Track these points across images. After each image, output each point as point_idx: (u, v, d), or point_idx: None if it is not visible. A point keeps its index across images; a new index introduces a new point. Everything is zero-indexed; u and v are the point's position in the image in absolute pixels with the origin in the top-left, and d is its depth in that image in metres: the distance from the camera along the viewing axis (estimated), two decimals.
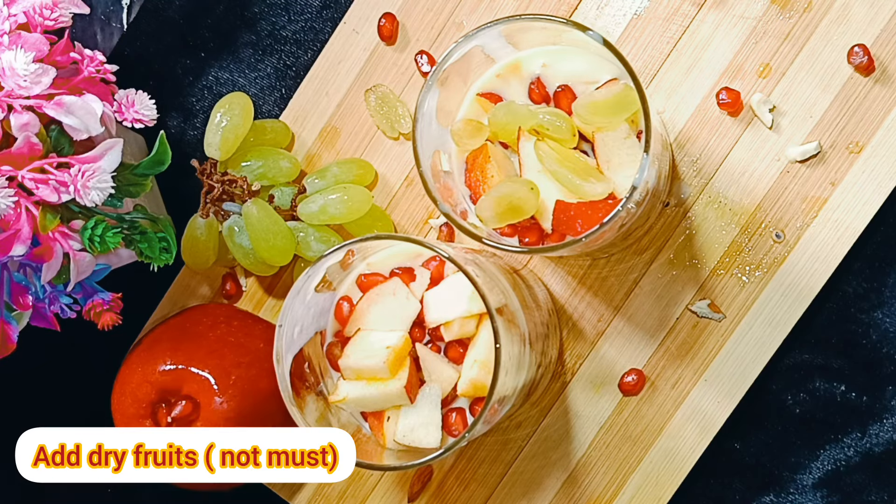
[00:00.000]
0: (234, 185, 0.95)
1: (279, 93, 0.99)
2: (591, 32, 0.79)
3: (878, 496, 0.91)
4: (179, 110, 1.00)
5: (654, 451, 0.93)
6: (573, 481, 0.94)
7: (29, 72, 0.82)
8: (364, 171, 0.96)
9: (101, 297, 0.90)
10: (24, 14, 0.85)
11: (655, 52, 0.92)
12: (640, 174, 0.78)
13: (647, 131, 0.78)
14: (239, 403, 0.92)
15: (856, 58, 0.89)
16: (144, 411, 0.93)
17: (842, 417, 0.92)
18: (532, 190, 0.81)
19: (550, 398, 0.94)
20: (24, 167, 0.83)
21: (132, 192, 0.89)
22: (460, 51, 0.81)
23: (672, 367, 0.92)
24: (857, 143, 0.90)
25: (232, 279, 0.99)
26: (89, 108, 0.84)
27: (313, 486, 0.98)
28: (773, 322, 0.91)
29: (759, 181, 0.91)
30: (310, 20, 0.98)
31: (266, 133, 0.97)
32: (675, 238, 0.92)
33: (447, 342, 0.85)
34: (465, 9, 0.95)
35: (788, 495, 0.93)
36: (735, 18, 0.91)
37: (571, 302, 0.94)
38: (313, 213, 0.94)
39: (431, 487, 0.96)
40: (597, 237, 0.80)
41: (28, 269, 0.88)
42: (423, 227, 0.96)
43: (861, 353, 0.91)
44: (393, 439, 0.85)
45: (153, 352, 0.93)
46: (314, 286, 0.85)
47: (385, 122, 0.96)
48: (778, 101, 0.91)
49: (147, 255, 0.90)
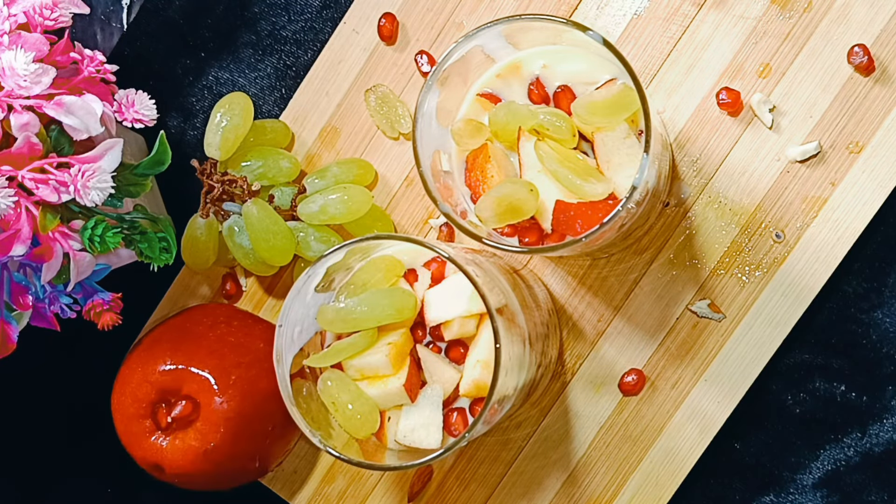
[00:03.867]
0: (234, 185, 0.95)
1: (279, 93, 0.99)
2: (591, 32, 0.79)
3: (878, 496, 0.91)
4: (179, 110, 1.00)
5: (654, 451, 0.93)
6: (573, 481, 0.94)
7: (29, 72, 0.82)
8: (364, 171, 0.96)
9: (101, 297, 0.90)
10: (24, 14, 0.85)
11: (655, 52, 0.92)
12: (640, 174, 0.78)
13: (647, 131, 0.78)
14: (239, 403, 0.92)
15: (856, 58, 0.89)
16: (144, 411, 0.93)
17: (842, 417, 0.92)
18: (532, 191, 0.81)
19: (550, 398, 0.94)
20: (24, 167, 0.83)
21: (132, 192, 0.89)
22: (460, 51, 0.81)
23: (672, 367, 0.92)
24: (857, 143, 0.90)
25: (232, 279, 0.99)
26: (89, 108, 0.84)
27: (313, 486, 0.98)
28: (773, 322, 0.91)
29: (759, 181, 0.91)
30: (310, 20, 0.98)
31: (266, 133, 0.97)
32: (675, 238, 0.92)
33: (448, 343, 0.85)
34: (465, 9, 0.95)
35: (788, 495, 0.93)
36: (735, 18, 0.91)
37: (571, 302, 0.94)
38: (313, 213, 0.94)
39: (431, 487, 0.96)
40: (597, 237, 0.80)
41: (28, 269, 0.88)
42: (423, 227, 0.96)
43: (861, 353, 0.91)
44: (393, 439, 0.85)
45: (153, 352, 0.93)
46: (314, 286, 0.85)
47: (385, 122, 0.96)
48: (778, 101, 0.91)
49: (147, 255, 0.90)
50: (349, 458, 0.82)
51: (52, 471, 1.03)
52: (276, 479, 0.99)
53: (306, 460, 0.98)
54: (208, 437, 0.92)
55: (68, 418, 1.02)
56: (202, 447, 0.92)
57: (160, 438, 0.93)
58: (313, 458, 0.98)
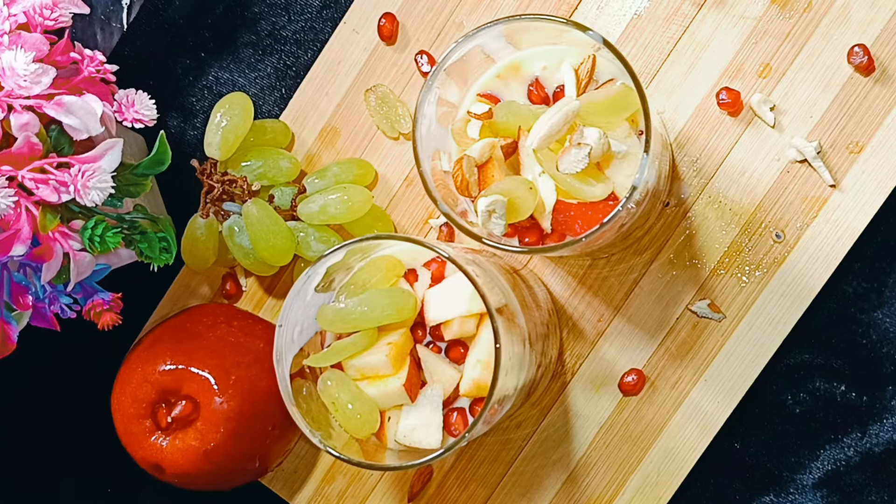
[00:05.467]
0: (234, 185, 0.95)
1: (279, 93, 0.99)
2: (591, 32, 0.79)
3: (878, 496, 0.91)
4: (179, 110, 1.00)
5: (654, 451, 0.93)
6: (573, 481, 0.94)
7: (29, 72, 0.82)
8: (364, 171, 0.96)
9: (101, 297, 0.90)
10: (24, 14, 0.85)
11: (655, 52, 0.92)
12: (640, 174, 0.78)
13: (647, 131, 0.78)
14: (239, 403, 0.92)
15: (856, 58, 0.89)
16: (144, 411, 0.93)
17: (842, 417, 0.92)
18: (531, 189, 0.81)
19: (550, 398, 0.94)
20: (24, 167, 0.83)
21: (132, 192, 0.89)
22: (460, 51, 0.81)
23: (672, 367, 0.92)
24: (857, 143, 0.90)
25: (232, 279, 0.99)
26: (89, 108, 0.84)
27: (313, 486, 0.98)
28: (773, 322, 0.91)
29: (759, 181, 0.91)
30: (310, 20, 0.98)
31: (266, 133, 0.97)
32: (675, 238, 0.92)
33: (448, 343, 0.85)
34: (465, 9, 0.95)
35: (788, 495, 0.93)
36: (735, 18, 0.91)
37: (571, 302, 0.94)
38: (313, 213, 0.94)
39: (431, 487, 0.96)
40: (597, 237, 0.80)
41: (28, 269, 0.88)
42: (423, 227, 0.96)
43: (861, 353, 0.91)
44: (394, 439, 0.85)
45: (153, 352, 0.93)
46: (314, 286, 0.85)
47: (385, 122, 0.96)
48: (778, 101, 0.91)
49: (147, 255, 0.90)
50: (349, 458, 0.82)
51: (52, 471, 1.03)
52: (276, 479, 0.99)
53: (306, 460, 0.98)
54: (208, 437, 0.92)
55: (68, 418, 1.02)
56: (202, 447, 0.92)
57: (160, 438, 0.93)
58: (313, 458, 0.98)
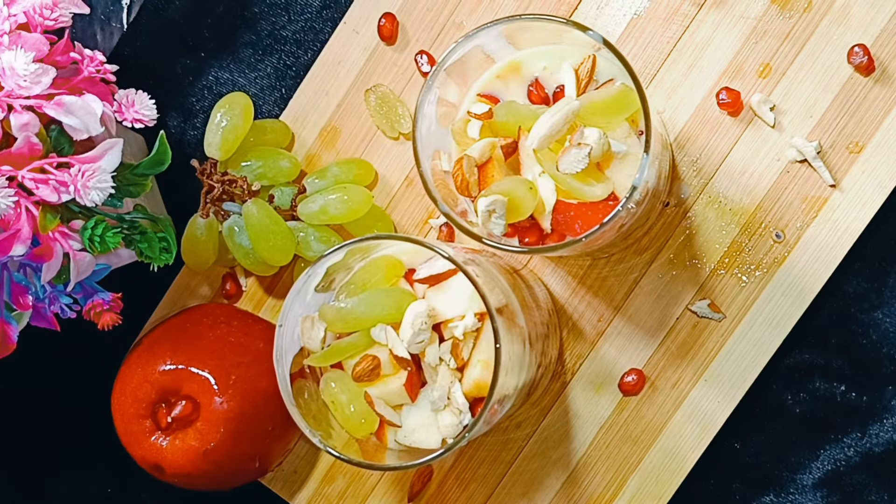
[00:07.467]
0: (234, 185, 0.95)
1: (279, 93, 0.99)
2: (591, 32, 0.79)
3: (878, 496, 0.91)
4: (179, 110, 1.00)
5: (654, 451, 0.93)
6: (573, 481, 0.94)
7: (29, 72, 0.82)
8: (364, 171, 0.96)
9: (101, 297, 0.90)
10: (24, 14, 0.85)
11: (655, 52, 0.92)
12: (640, 174, 0.78)
13: (647, 131, 0.78)
14: (239, 403, 0.92)
15: (856, 58, 0.89)
16: (144, 411, 0.93)
17: (842, 417, 0.92)
18: (531, 189, 0.81)
19: (550, 398, 0.94)
20: (24, 167, 0.83)
21: (132, 192, 0.89)
22: (460, 51, 0.81)
23: (672, 367, 0.92)
24: (857, 143, 0.90)
25: (232, 279, 0.99)
26: (89, 108, 0.84)
27: (313, 486, 0.98)
28: (773, 322, 0.91)
29: (759, 181, 0.91)
30: (310, 20, 0.98)
31: (266, 133, 0.97)
32: (675, 238, 0.92)
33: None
34: (465, 9, 0.95)
35: (788, 495, 0.93)
36: (735, 18, 0.91)
37: (571, 302, 0.94)
38: (313, 213, 0.94)
39: (431, 487, 0.96)
40: (597, 237, 0.80)
41: (28, 269, 0.88)
42: (423, 227, 0.96)
43: (861, 353, 0.91)
44: (394, 439, 0.85)
45: (153, 352, 0.93)
46: (314, 286, 0.85)
47: (385, 122, 0.96)
48: (778, 101, 0.91)
49: (147, 255, 0.90)
50: (349, 458, 0.82)
51: (52, 470, 1.03)
52: (276, 479, 0.99)
53: (306, 460, 0.98)
54: (208, 437, 0.92)
55: (68, 418, 1.02)
56: (202, 447, 0.92)
57: (160, 438, 0.93)
58: (313, 458, 0.98)
